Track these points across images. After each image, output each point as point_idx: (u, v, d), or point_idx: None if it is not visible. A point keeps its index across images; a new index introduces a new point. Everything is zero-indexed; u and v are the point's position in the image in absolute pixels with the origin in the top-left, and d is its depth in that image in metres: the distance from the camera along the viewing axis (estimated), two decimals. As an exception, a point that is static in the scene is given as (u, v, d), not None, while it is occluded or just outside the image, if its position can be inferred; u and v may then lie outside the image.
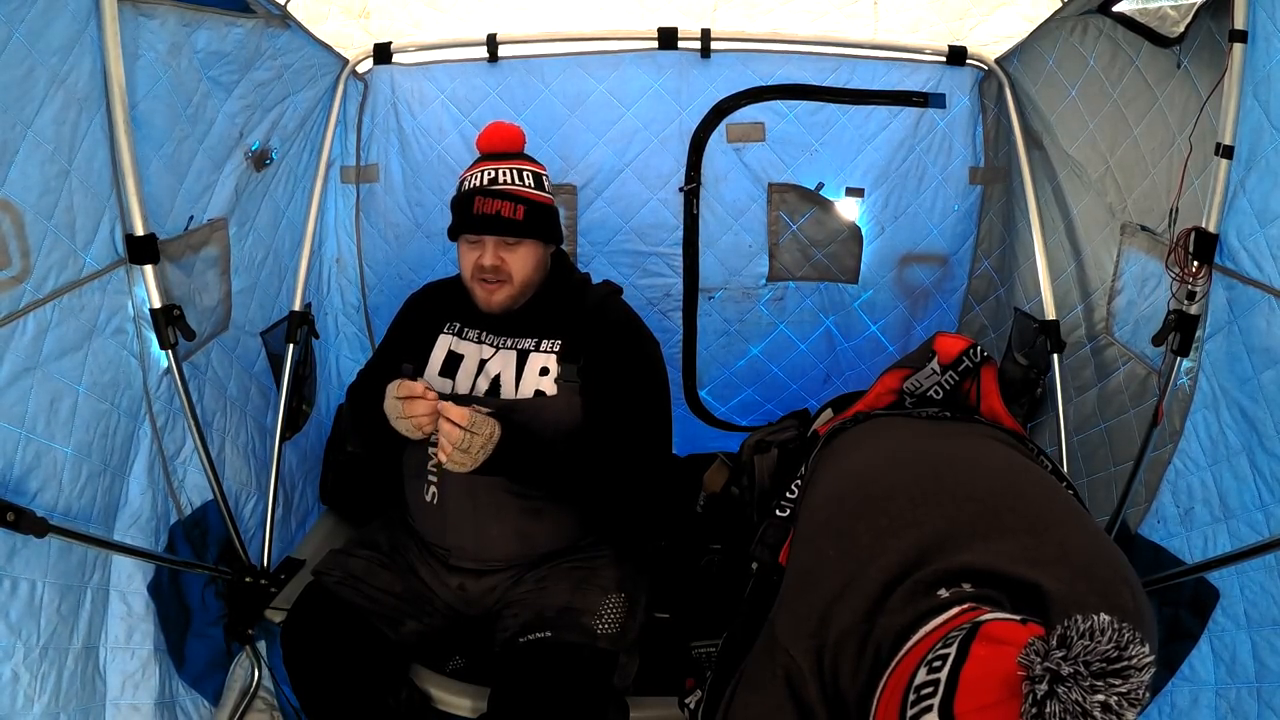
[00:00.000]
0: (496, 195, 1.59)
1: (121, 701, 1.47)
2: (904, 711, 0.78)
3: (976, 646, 0.74)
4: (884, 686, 0.86)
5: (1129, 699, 0.63)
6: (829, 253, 2.47)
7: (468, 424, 1.40)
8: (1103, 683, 0.63)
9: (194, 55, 1.59)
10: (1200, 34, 1.52)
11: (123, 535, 1.50)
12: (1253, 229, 1.41)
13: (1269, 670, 1.38)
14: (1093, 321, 1.95)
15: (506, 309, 1.64)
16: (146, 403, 1.55)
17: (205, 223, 1.72)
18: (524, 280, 1.64)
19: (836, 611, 0.97)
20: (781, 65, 2.32)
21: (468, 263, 1.63)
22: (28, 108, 1.20)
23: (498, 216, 1.58)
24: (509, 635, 1.54)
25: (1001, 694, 0.69)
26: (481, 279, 1.62)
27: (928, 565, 0.94)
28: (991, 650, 0.73)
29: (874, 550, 1.00)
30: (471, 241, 1.63)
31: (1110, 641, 0.64)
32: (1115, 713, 0.62)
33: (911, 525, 1.01)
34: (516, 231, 1.60)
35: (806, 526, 1.22)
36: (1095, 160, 1.89)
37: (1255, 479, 1.42)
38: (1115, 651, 0.63)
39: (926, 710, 0.74)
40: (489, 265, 1.60)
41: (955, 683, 0.73)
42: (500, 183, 1.62)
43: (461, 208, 1.62)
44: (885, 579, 0.96)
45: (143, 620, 1.52)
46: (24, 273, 1.23)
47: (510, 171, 1.64)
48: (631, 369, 1.64)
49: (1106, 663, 0.63)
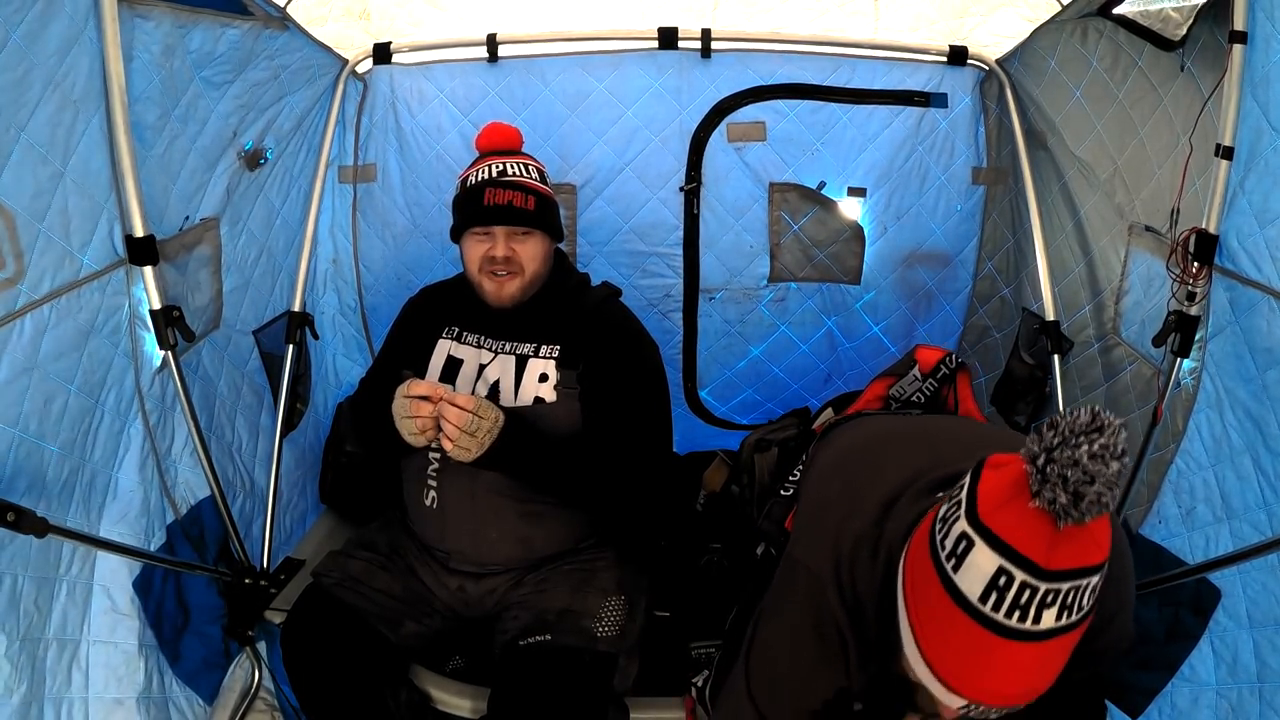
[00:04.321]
0: (507, 186, 1.60)
1: (105, 695, 1.46)
2: (933, 540, 0.89)
3: (985, 472, 0.88)
4: (905, 554, 0.97)
5: (1110, 450, 0.77)
6: (831, 253, 2.47)
7: (474, 408, 1.40)
8: (1085, 438, 0.77)
9: (186, 56, 1.58)
10: (1202, 35, 1.52)
11: (110, 530, 1.49)
12: (1252, 230, 1.41)
13: (1270, 670, 1.38)
14: (1101, 321, 1.95)
15: (517, 302, 1.64)
16: (139, 401, 1.55)
17: (198, 222, 1.72)
18: (534, 273, 1.64)
19: (848, 526, 1.11)
20: (782, 65, 2.32)
21: (476, 256, 1.62)
22: (21, 111, 1.20)
23: (509, 207, 1.58)
24: (509, 638, 1.54)
25: (1014, 491, 0.82)
26: (492, 271, 1.61)
27: (923, 479, 1.09)
28: (998, 470, 0.87)
29: (875, 479, 1.14)
30: (481, 234, 1.62)
31: (1087, 414, 0.79)
32: (1101, 459, 0.76)
33: (906, 458, 1.16)
34: (528, 221, 1.60)
35: (811, 486, 1.35)
36: (1104, 161, 1.89)
37: (1258, 478, 1.42)
38: (1091, 418, 0.78)
39: (955, 522, 0.86)
40: (501, 256, 1.59)
41: (975, 495, 0.86)
42: (509, 175, 1.62)
43: (470, 201, 1.62)
44: (887, 496, 1.10)
45: (127, 616, 1.51)
46: (19, 274, 1.23)
47: (517, 165, 1.65)
48: (631, 375, 1.64)
49: (1086, 426, 0.78)
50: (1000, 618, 0.82)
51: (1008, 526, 0.82)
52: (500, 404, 1.58)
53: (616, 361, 1.63)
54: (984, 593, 0.82)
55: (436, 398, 1.43)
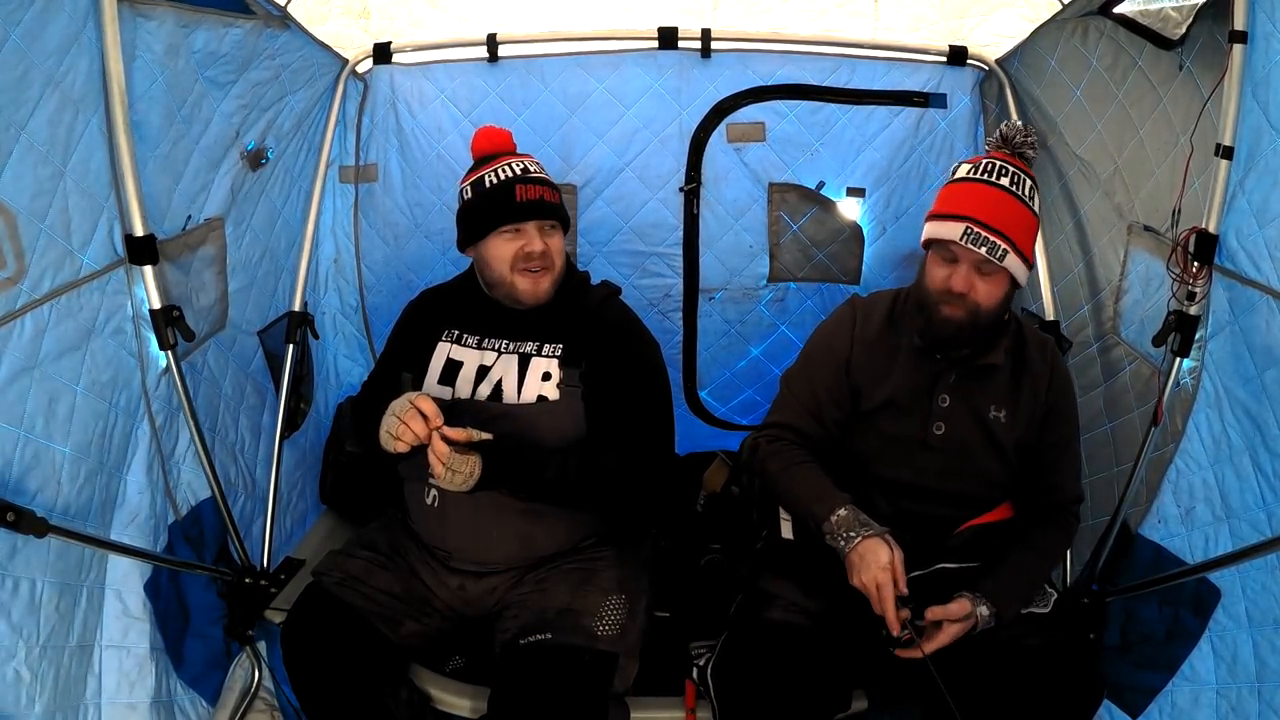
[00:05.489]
0: (534, 182, 1.61)
1: (118, 700, 1.46)
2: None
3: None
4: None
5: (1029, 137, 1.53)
6: (830, 253, 2.47)
7: (446, 463, 1.39)
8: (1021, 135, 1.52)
9: (191, 55, 1.58)
10: (1202, 35, 1.52)
11: (120, 534, 1.49)
12: (1251, 229, 1.41)
13: (1269, 670, 1.38)
14: (1100, 321, 1.95)
15: (549, 298, 1.65)
16: (145, 402, 1.55)
17: (202, 222, 1.72)
18: (560, 268, 1.66)
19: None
20: (782, 65, 2.32)
21: (507, 254, 1.61)
22: (21, 110, 1.20)
23: (541, 201, 1.60)
24: (509, 637, 1.53)
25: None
26: (526, 268, 1.61)
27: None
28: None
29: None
30: (511, 232, 1.61)
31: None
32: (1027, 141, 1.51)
33: None
34: (558, 215, 1.63)
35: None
36: (1104, 161, 1.89)
37: (1257, 478, 1.42)
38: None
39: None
40: (539, 251, 1.60)
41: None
42: (533, 171, 1.64)
43: (498, 199, 1.60)
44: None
45: (139, 619, 1.51)
46: (19, 273, 1.23)
47: (529, 164, 1.66)
48: (633, 373, 1.64)
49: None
50: (978, 176, 1.49)
51: (978, 158, 1.53)
52: (504, 403, 1.59)
53: (619, 359, 1.63)
54: (969, 170, 1.51)
55: (432, 426, 1.41)
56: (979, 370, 1.56)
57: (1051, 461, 1.59)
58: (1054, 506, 1.60)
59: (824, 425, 1.61)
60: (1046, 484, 1.60)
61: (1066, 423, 1.60)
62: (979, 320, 1.48)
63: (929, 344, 1.54)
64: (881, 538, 1.40)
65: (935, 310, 1.49)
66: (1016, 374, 1.58)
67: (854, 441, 1.61)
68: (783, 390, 1.68)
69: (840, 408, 1.60)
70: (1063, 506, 1.60)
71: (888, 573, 1.36)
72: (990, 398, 1.56)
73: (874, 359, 1.59)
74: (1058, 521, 1.60)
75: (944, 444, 1.55)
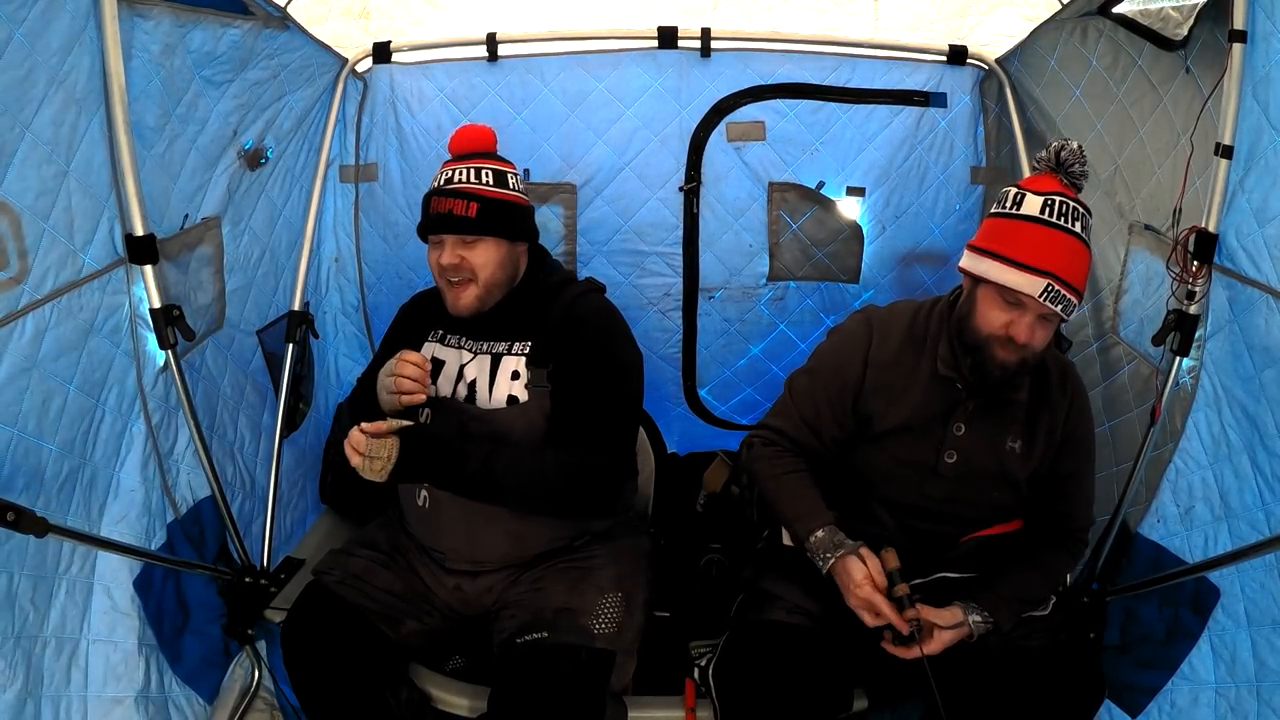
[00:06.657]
0: (450, 194, 1.60)
1: (104, 694, 1.46)
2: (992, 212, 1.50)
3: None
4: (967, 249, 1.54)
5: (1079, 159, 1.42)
6: (830, 252, 2.47)
7: (363, 451, 1.42)
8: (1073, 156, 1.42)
9: (187, 55, 1.58)
10: (1202, 34, 1.52)
11: (111, 530, 1.50)
12: (1251, 229, 1.41)
13: (1269, 669, 1.38)
14: (1100, 320, 1.95)
15: (475, 310, 1.63)
16: (142, 401, 1.55)
17: (199, 222, 1.72)
18: (489, 279, 1.62)
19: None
20: (782, 64, 2.32)
21: (432, 264, 1.64)
22: (26, 109, 1.20)
23: (450, 215, 1.59)
24: (506, 636, 1.54)
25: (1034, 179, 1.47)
26: (446, 279, 1.62)
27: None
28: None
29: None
30: (434, 242, 1.64)
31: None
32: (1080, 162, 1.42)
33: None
34: (470, 229, 1.59)
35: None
36: (1104, 160, 1.89)
37: (1256, 477, 1.43)
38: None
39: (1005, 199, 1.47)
40: (447, 264, 1.60)
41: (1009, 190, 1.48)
42: (455, 182, 1.62)
43: (425, 208, 1.65)
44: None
45: (127, 615, 1.51)
46: (22, 274, 1.23)
47: (468, 170, 1.63)
48: (592, 366, 1.60)
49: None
50: (1053, 219, 1.38)
51: (1038, 184, 1.42)
52: (477, 403, 1.59)
53: (581, 354, 1.60)
54: (1041, 208, 1.39)
55: (426, 368, 1.54)
56: (1000, 401, 1.50)
57: (1064, 491, 1.55)
58: (1063, 533, 1.56)
59: (821, 441, 1.57)
60: (1058, 512, 1.56)
61: (1082, 454, 1.55)
62: (1028, 362, 1.43)
63: (978, 384, 1.47)
64: (854, 554, 1.39)
65: (989, 353, 1.41)
66: (1036, 405, 1.52)
67: (860, 460, 1.56)
68: (785, 394, 1.63)
69: (841, 428, 1.56)
70: (1071, 534, 1.57)
71: (866, 587, 1.35)
72: (1007, 428, 1.51)
73: (889, 382, 1.53)
74: (1064, 545, 1.56)
75: (954, 472, 1.50)
